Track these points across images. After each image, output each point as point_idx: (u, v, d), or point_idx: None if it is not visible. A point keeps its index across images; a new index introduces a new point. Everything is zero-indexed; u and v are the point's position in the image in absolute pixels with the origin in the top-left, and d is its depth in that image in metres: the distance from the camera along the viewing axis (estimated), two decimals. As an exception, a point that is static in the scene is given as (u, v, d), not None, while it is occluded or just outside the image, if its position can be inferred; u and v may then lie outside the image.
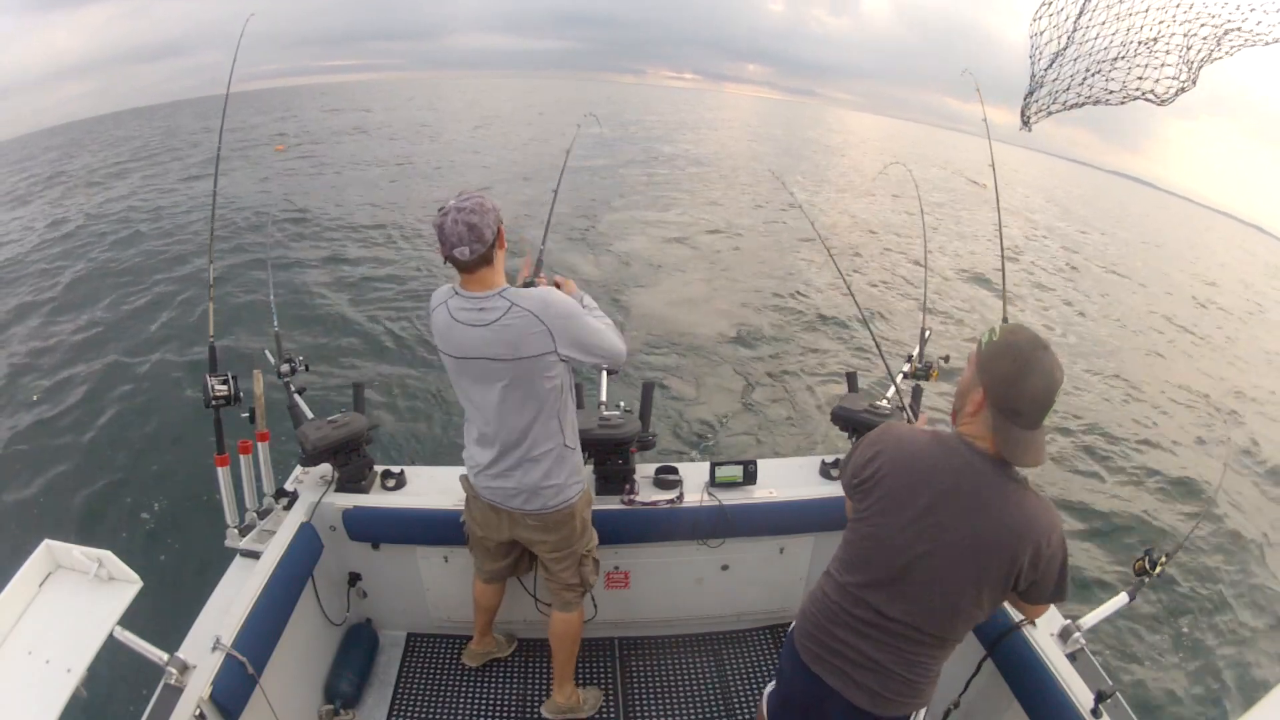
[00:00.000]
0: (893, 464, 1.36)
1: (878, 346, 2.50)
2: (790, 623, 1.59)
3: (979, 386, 1.26)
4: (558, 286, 1.92)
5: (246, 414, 2.20)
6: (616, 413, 2.35)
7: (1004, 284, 2.43)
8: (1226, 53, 1.42)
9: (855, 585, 1.40)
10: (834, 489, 2.22)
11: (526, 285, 1.95)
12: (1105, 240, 21.34)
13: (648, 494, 2.35)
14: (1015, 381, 1.20)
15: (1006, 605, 1.87)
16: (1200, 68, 1.46)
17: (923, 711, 1.47)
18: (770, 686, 1.73)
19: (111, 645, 1.40)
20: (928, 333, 2.54)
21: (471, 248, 1.62)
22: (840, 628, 1.43)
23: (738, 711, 2.40)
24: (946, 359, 2.49)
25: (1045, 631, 1.79)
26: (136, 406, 6.00)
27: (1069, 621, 1.80)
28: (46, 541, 1.43)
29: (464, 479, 2.03)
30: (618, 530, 2.32)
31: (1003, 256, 2.45)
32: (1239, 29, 1.39)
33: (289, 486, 2.34)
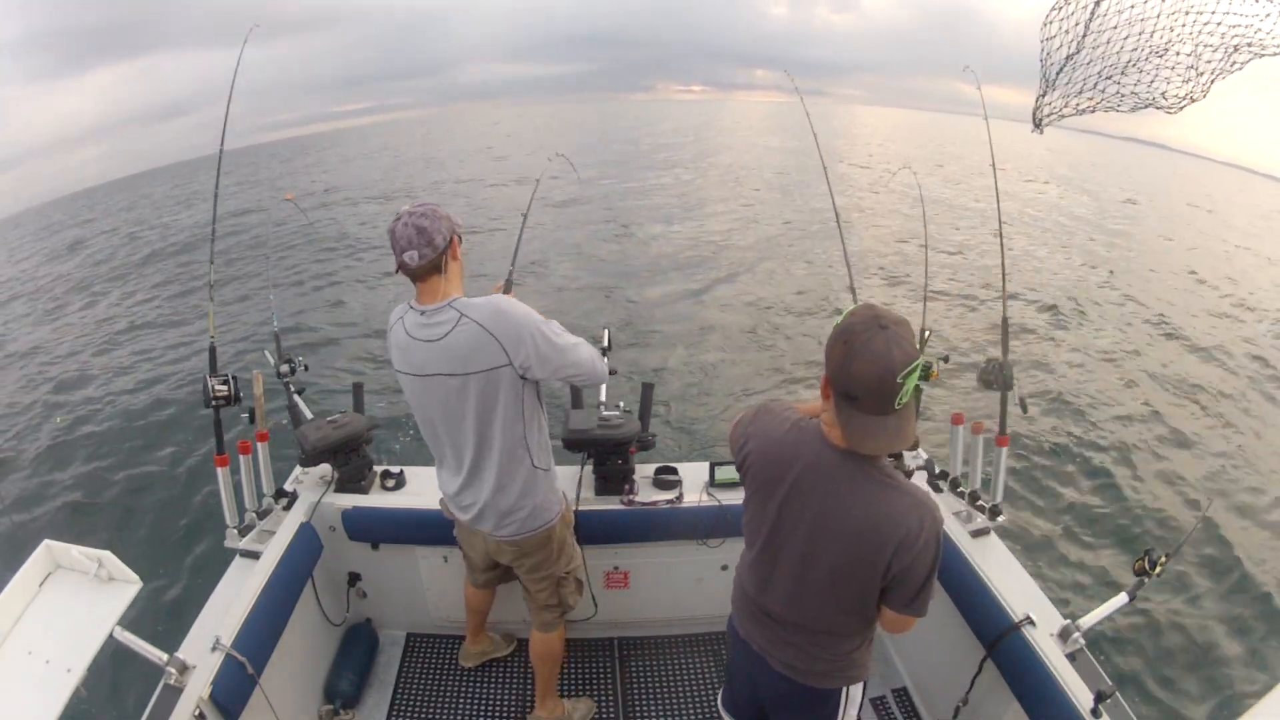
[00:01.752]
0: (758, 451, 1.35)
1: None
2: None
3: (825, 372, 1.21)
4: None
5: (246, 414, 2.20)
6: (616, 413, 2.34)
7: (1004, 275, 2.41)
8: (1237, 66, 1.40)
9: (752, 562, 1.45)
10: None
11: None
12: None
13: (647, 494, 2.35)
14: (845, 365, 1.14)
15: (1006, 604, 1.87)
16: (1211, 82, 1.44)
17: (857, 687, 1.47)
18: (722, 690, 1.82)
19: (111, 645, 1.40)
20: (927, 333, 2.54)
21: (421, 252, 1.54)
22: (759, 598, 1.46)
23: None
24: (946, 359, 2.48)
25: (1045, 631, 1.78)
26: (137, 407, 6.01)
27: (1069, 621, 1.79)
28: (46, 541, 1.42)
29: (443, 501, 1.97)
30: (617, 530, 2.32)
31: (1001, 246, 2.43)
32: (1249, 44, 1.37)
33: (289, 487, 2.34)
